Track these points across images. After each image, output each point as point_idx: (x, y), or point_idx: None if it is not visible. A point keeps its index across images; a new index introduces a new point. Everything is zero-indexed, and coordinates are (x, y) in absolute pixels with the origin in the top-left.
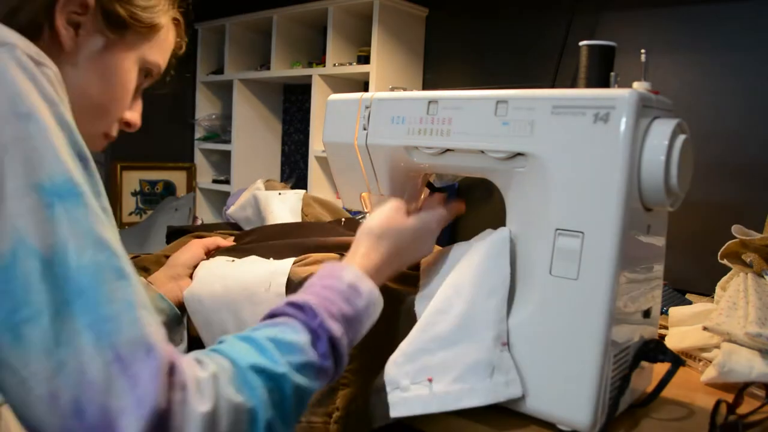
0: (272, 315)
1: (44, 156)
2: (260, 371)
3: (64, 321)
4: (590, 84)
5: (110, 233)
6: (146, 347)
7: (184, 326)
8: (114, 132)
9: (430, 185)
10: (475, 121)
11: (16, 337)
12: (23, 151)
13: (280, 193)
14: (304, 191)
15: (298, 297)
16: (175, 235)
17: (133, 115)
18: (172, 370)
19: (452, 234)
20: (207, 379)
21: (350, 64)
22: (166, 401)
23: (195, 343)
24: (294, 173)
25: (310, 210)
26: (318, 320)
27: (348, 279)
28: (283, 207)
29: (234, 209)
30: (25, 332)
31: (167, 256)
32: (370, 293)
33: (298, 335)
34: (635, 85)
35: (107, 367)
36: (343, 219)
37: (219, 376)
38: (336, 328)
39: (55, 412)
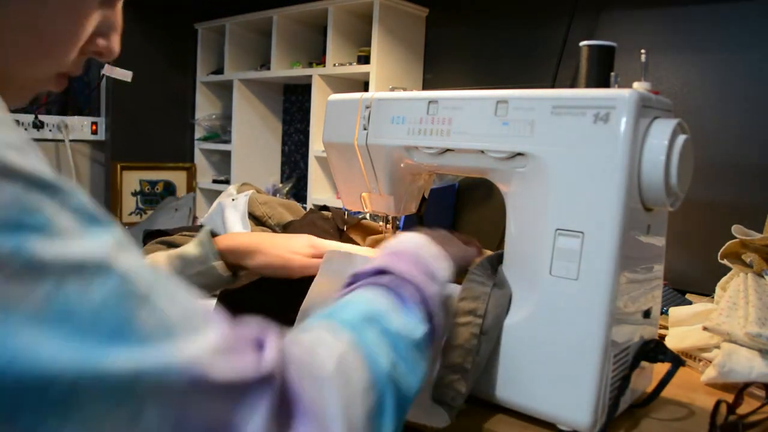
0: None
1: None
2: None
3: None
4: (590, 84)
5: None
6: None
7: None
8: (78, 69)
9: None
10: (475, 121)
11: None
12: None
13: (233, 199)
14: (252, 191)
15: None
16: (151, 237)
17: (107, 40)
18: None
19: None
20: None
21: (350, 64)
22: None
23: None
24: (294, 173)
25: (274, 213)
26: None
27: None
28: (236, 214)
29: (206, 218)
30: None
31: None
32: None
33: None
34: (635, 85)
35: None
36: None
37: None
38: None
39: None
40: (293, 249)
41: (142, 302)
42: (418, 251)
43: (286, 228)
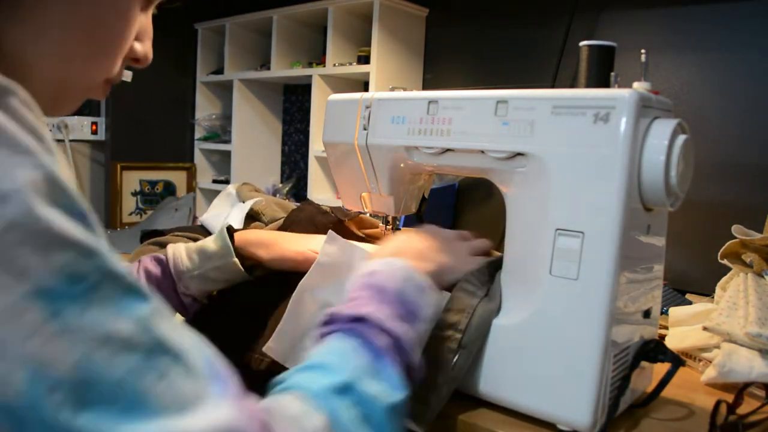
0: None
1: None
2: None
3: None
4: (590, 84)
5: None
6: None
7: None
8: (120, 75)
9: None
10: (475, 121)
11: None
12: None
13: (244, 202)
14: (259, 198)
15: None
16: (148, 238)
17: (143, 46)
18: None
19: None
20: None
21: (350, 64)
22: None
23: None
24: (294, 173)
25: (268, 210)
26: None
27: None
28: (240, 212)
29: (207, 217)
30: None
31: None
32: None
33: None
34: (635, 85)
35: None
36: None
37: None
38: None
39: None
40: (310, 246)
41: (162, 376)
42: (404, 286)
43: (286, 223)
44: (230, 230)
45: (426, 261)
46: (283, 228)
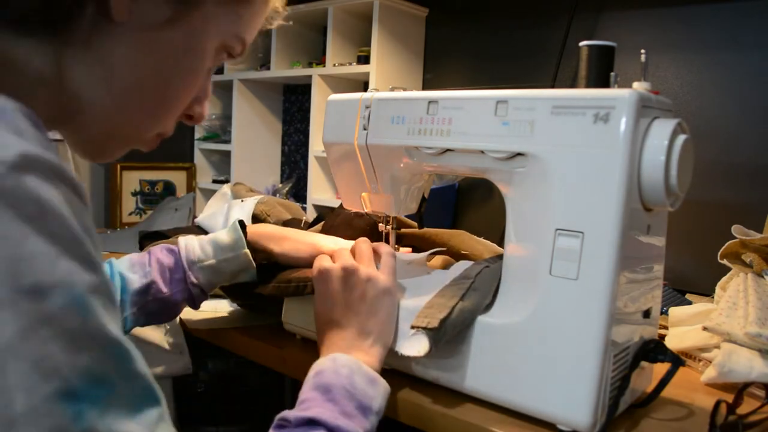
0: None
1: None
2: None
3: None
4: (590, 84)
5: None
6: None
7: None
8: (171, 129)
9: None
10: (475, 121)
11: None
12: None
13: (242, 201)
14: (262, 195)
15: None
16: (148, 239)
17: (201, 106)
18: None
19: None
20: None
21: (350, 64)
22: None
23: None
24: (294, 173)
25: (274, 211)
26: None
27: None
28: (242, 213)
29: (203, 217)
30: None
31: None
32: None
33: None
34: (635, 85)
35: None
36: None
37: None
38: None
39: None
40: (320, 241)
41: None
42: (351, 380)
43: (324, 228)
44: (242, 224)
45: (371, 347)
46: (323, 232)
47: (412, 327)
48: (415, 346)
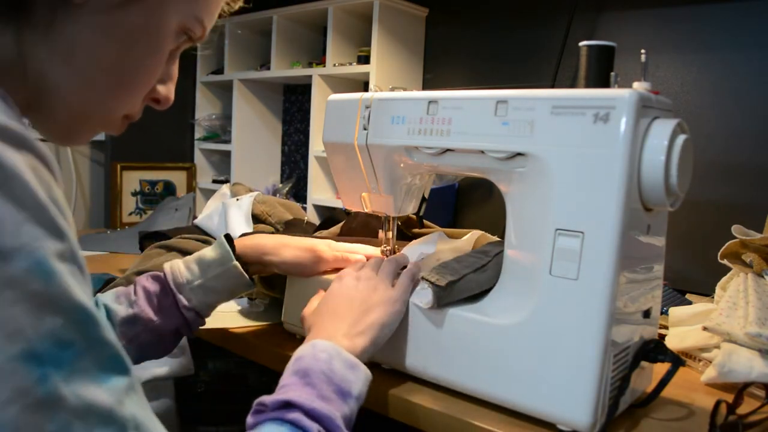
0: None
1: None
2: None
3: None
4: (590, 84)
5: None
6: None
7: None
8: (138, 112)
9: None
10: (475, 121)
11: None
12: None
13: (237, 199)
14: (257, 193)
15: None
16: (148, 239)
17: (166, 88)
18: None
19: None
20: None
21: (350, 64)
22: None
23: None
24: (294, 173)
25: (275, 212)
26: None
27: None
28: (240, 213)
29: (202, 218)
30: None
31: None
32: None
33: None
34: (635, 85)
35: None
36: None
37: None
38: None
39: None
40: (317, 246)
41: None
42: (330, 365)
43: (342, 232)
44: (228, 237)
45: (357, 336)
46: (341, 235)
47: (422, 278)
48: (422, 299)
